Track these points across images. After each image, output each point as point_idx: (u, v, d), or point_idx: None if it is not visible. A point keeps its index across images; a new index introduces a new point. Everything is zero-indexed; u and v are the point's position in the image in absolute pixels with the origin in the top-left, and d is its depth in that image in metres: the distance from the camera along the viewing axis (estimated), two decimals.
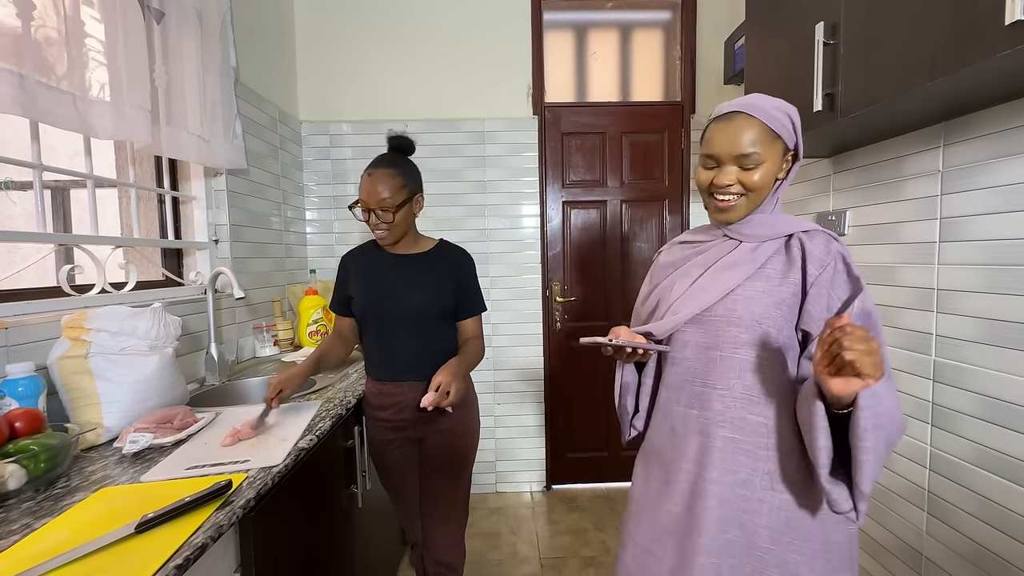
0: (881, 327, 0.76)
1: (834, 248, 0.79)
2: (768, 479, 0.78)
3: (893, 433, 0.69)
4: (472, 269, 1.32)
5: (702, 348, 0.83)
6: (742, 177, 0.80)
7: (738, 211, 0.83)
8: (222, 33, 1.63)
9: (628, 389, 0.96)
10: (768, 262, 0.81)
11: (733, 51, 2.06)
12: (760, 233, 0.83)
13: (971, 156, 1.10)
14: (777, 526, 0.78)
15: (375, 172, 1.20)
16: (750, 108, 0.79)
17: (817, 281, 0.77)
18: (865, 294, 0.75)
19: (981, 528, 1.09)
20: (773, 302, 0.79)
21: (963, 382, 1.13)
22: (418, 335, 1.24)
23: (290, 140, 2.20)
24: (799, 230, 0.82)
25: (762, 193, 0.81)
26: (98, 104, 1.16)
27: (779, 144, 0.80)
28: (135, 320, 1.08)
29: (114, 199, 2.05)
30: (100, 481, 0.83)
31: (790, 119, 0.81)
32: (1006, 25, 0.74)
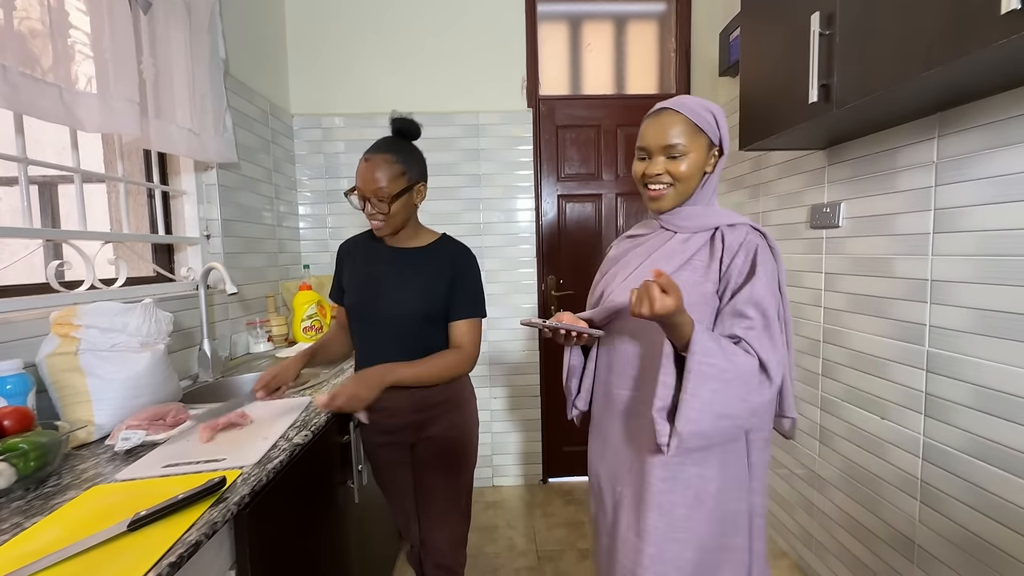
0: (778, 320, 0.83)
1: (749, 239, 0.86)
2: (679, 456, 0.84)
3: (733, 401, 0.77)
4: (471, 268, 1.21)
5: (634, 333, 0.92)
6: (669, 167, 0.88)
7: (667, 200, 0.91)
8: (211, 24, 1.61)
9: (574, 371, 1.05)
10: (697, 254, 0.88)
11: (728, 43, 2.05)
12: (690, 224, 0.91)
13: (965, 147, 1.10)
14: (689, 501, 0.86)
15: (372, 157, 1.10)
16: (677, 105, 0.89)
17: (728, 271, 0.85)
18: (757, 283, 0.81)
19: (974, 516, 1.10)
20: (697, 293, 0.85)
21: (956, 372, 1.14)
22: (399, 337, 1.15)
23: (282, 134, 2.18)
24: (725, 223, 0.88)
25: (689, 183, 0.89)
26: (85, 96, 1.14)
27: (703, 138, 0.88)
28: (125, 316, 1.06)
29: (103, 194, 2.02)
30: (92, 479, 0.82)
31: (713, 116, 0.89)
32: (1002, 14, 0.73)
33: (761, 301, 0.81)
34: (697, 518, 0.85)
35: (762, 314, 0.81)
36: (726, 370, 0.76)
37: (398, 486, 1.28)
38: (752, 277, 0.82)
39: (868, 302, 1.39)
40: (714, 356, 0.76)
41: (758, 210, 1.97)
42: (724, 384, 0.76)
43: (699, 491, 0.86)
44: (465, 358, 1.18)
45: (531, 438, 2.47)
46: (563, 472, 2.52)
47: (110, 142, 1.58)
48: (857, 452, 1.45)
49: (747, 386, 0.78)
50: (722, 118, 0.90)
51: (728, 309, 0.83)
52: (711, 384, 0.76)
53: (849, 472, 1.49)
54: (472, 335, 1.19)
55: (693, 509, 0.85)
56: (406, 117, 1.20)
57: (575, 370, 1.05)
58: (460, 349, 1.17)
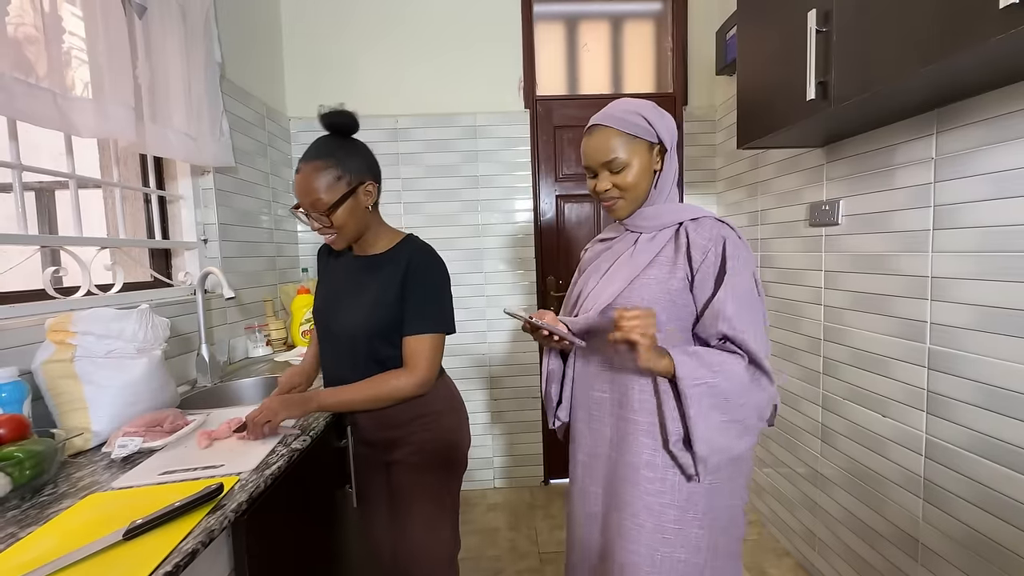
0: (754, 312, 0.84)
1: (716, 233, 0.85)
2: (667, 457, 0.86)
3: (736, 407, 0.80)
4: (426, 275, 1.06)
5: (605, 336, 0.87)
6: (615, 180, 0.90)
7: (622, 209, 0.93)
8: (206, 28, 1.60)
9: (553, 376, 1.04)
10: (662, 251, 0.89)
11: (725, 41, 2.05)
12: (652, 224, 0.92)
13: (964, 143, 1.10)
14: (680, 503, 0.85)
15: (303, 167, 0.99)
16: (605, 119, 0.90)
17: (701, 267, 0.85)
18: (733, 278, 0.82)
19: (977, 515, 1.09)
20: (663, 290, 0.86)
21: (958, 369, 1.13)
22: (350, 352, 1.07)
23: (279, 137, 2.17)
24: (688, 218, 0.89)
25: (638, 189, 0.90)
26: (80, 102, 1.14)
27: (641, 143, 0.89)
28: (121, 322, 1.05)
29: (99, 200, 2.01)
30: (88, 487, 0.81)
31: (643, 118, 0.88)
32: (1000, 8, 0.73)
33: (740, 296, 0.82)
34: (690, 518, 0.85)
35: (743, 308, 0.82)
36: (716, 383, 0.79)
37: (371, 507, 1.22)
38: (725, 273, 0.83)
39: (869, 299, 1.39)
40: (700, 375, 0.78)
41: (756, 208, 1.97)
42: (720, 396, 0.79)
43: (690, 492, 0.86)
44: (412, 381, 1.04)
45: (532, 439, 2.47)
46: (565, 474, 2.51)
47: (106, 147, 1.58)
48: (860, 450, 1.45)
49: (742, 387, 0.80)
50: (654, 114, 0.89)
51: (710, 311, 0.84)
52: (707, 401, 0.79)
53: (852, 471, 1.48)
54: (424, 353, 1.04)
55: (686, 510, 0.85)
56: (338, 110, 1.04)
57: (554, 375, 1.03)
58: (407, 370, 1.04)
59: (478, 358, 2.41)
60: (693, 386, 0.78)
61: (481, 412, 2.42)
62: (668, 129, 0.91)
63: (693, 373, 0.78)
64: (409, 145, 2.31)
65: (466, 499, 2.35)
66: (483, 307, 2.39)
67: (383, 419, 1.10)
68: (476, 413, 2.41)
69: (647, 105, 0.90)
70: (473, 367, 2.41)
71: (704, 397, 0.78)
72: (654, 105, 0.91)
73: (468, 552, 1.93)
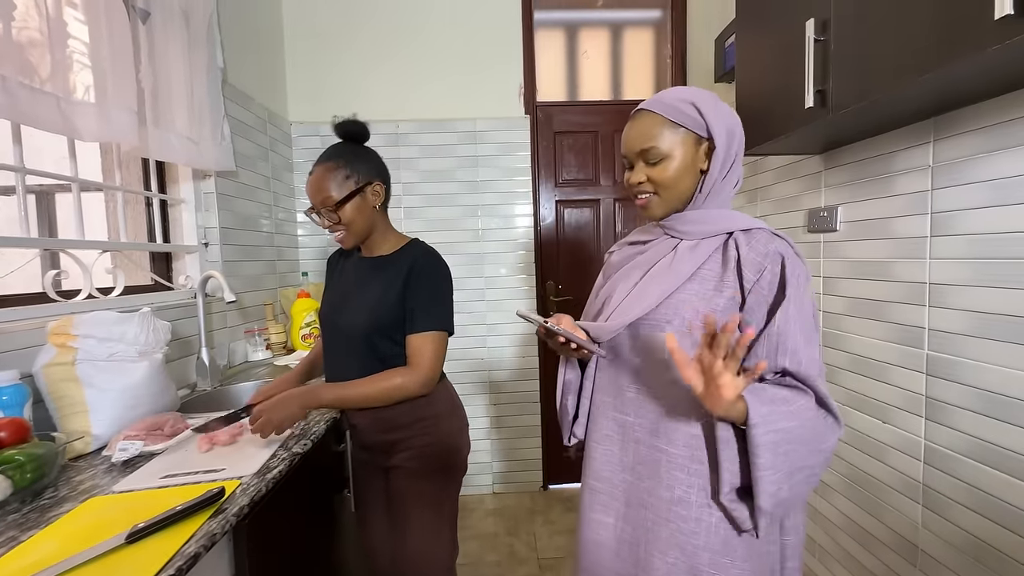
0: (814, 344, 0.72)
1: (772, 248, 0.73)
2: (703, 495, 0.75)
3: (807, 454, 0.69)
4: (430, 275, 1.09)
5: (636, 352, 0.81)
6: (650, 173, 0.79)
7: (655, 208, 0.82)
8: (209, 33, 1.61)
9: (570, 387, 0.92)
10: (707, 263, 0.78)
11: (723, 49, 2.07)
12: (695, 230, 0.80)
13: (961, 151, 1.11)
14: (716, 547, 0.75)
15: (315, 169, 1.07)
16: (651, 104, 0.79)
17: (755, 287, 0.73)
18: (792, 304, 0.71)
19: (976, 520, 1.10)
20: (708, 309, 0.74)
21: (956, 375, 1.14)
22: (354, 350, 1.09)
23: (280, 141, 2.18)
24: (738, 228, 0.77)
25: (677, 187, 0.79)
26: (83, 106, 1.14)
27: (688, 135, 0.77)
28: (123, 326, 1.06)
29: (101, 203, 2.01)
30: (89, 491, 0.81)
31: (694, 107, 0.76)
32: (996, 20, 0.74)
33: (803, 326, 0.71)
34: (726, 564, 0.75)
35: (807, 341, 0.71)
36: (792, 428, 0.67)
37: (369, 512, 1.22)
38: (786, 297, 0.71)
39: (867, 305, 1.39)
40: (775, 421, 0.66)
41: (756, 214, 1.98)
42: (794, 443, 0.68)
43: (727, 536, 0.75)
44: (415, 378, 1.05)
45: (531, 444, 2.46)
46: (564, 479, 2.51)
47: (108, 151, 1.58)
48: (859, 456, 1.45)
49: (816, 434, 0.69)
50: (709, 105, 0.77)
51: (767, 341, 0.71)
52: (782, 448, 0.67)
53: (852, 477, 1.48)
54: (427, 351, 1.06)
55: (721, 555, 0.75)
56: (351, 120, 1.12)
57: (571, 386, 0.92)
58: (410, 368, 1.06)
59: (478, 363, 2.41)
60: (766, 434, 0.66)
61: (480, 417, 2.42)
62: (725, 125, 0.77)
63: (768, 419, 0.66)
64: (410, 150, 2.32)
65: (464, 504, 2.34)
66: (483, 311, 2.39)
67: (383, 421, 1.11)
68: (475, 418, 2.40)
69: (705, 95, 0.78)
70: (473, 371, 2.41)
71: (778, 446, 0.66)
72: (716, 97, 0.79)
73: (467, 558, 1.93)
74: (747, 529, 0.73)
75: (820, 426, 0.69)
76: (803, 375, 0.70)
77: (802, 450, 0.68)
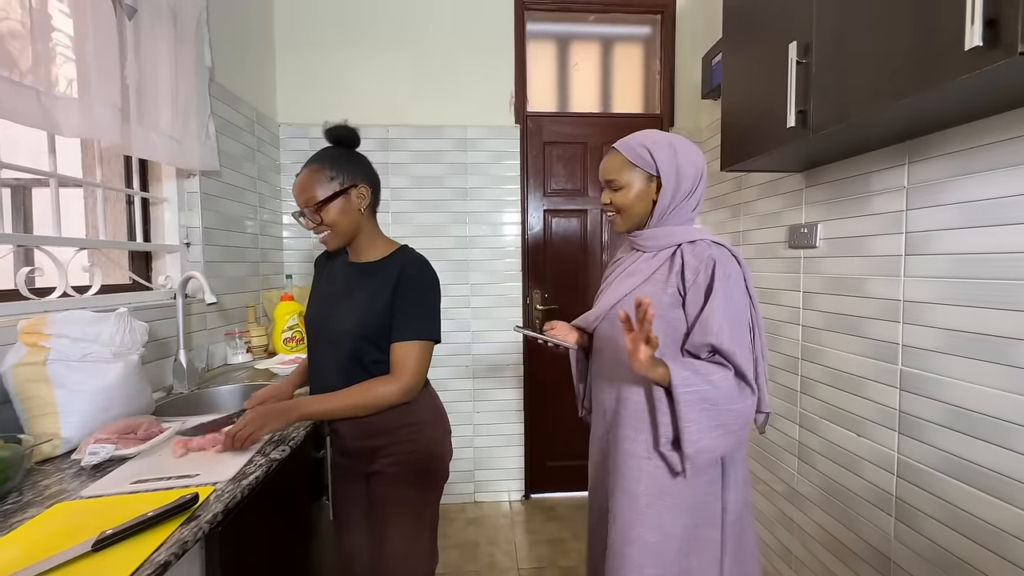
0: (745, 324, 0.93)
1: (708, 255, 0.93)
2: (645, 448, 0.97)
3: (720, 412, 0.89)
4: (418, 283, 1.09)
5: (610, 340, 1.05)
6: (613, 198, 1.03)
7: (618, 224, 1.06)
8: (197, 32, 1.60)
9: (579, 375, 1.23)
10: (658, 269, 1.00)
11: (710, 67, 2.12)
12: (653, 244, 1.02)
13: (934, 174, 1.15)
14: (652, 490, 0.96)
15: (303, 170, 1.08)
16: (619, 144, 1.03)
17: (693, 286, 0.94)
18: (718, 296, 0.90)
19: (947, 533, 1.12)
20: (655, 303, 0.93)
21: (928, 391, 1.17)
22: (340, 357, 1.08)
23: (267, 143, 2.16)
24: (686, 240, 0.98)
25: (632, 211, 1.02)
26: (64, 100, 1.12)
27: (640, 172, 1.00)
28: (98, 326, 1.03)
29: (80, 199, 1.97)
30: (55, 496, 0.78)
31: (648, 151, 0.99)
32: (966, 51, 0.77)
33: (727, 312, 0.90)
34: (659, 506, 0.96)
35: (730, 323, 0.90)
36: (707, 390, 0.88)
37: (348, 519, 1.21)
38: (712, 291, 0.91)
39: (844, 321, 1.43)
40: (693, 383, 0.88)
41: (739, 229, 2.02)
42: (709, 402, 0.88)
43: (662, 484, 0.96)
44: (397, 387, 1.05)
45: (514, 453, 2.45)
46: (546, 488, 2.50)
47: (89, 147, 1.55)
48: (834, 469, 1.48)
49: (729, 397, 0.89)
50: (663, 152, 0.98)
51: (698, 325, 0.92)
52: (698, 406, 0.88)
53: (827, 489, 1.51)
54: (411, 360, 1.06)
55: (655, 499, 0.96)
56: (342, 125, 1.13)
57: (581, 373, 1.23)
58: (393, 376, 1.06)
59: (462, 370, 2.40)
60: (684, 392, 0.87)
61: (463, 424, 2.40)
62: (673, 168, 0.98)
63: (686, 381, 0.87)
64: (399, 155, 2.32)
65: (445, 513, 2.32)
66: (468, 319, 2.39)
67: (367, 427, 1.09)
68: (458, 425, 2.39)
69: (662, 142, 0.99)
70: (456, 379, 2.40)
71: (695, 403, 0.88)
72: (673, 144, 1.00)
73: (446, 567, 1.91)
74: (679, 472, 0.94)
75: (733, 390, 0.89)
76: (725, 351, 0.89)
77: (715, 409, 0.89)
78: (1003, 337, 1.00)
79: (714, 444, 0.90)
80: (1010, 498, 0.99)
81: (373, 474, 1.12)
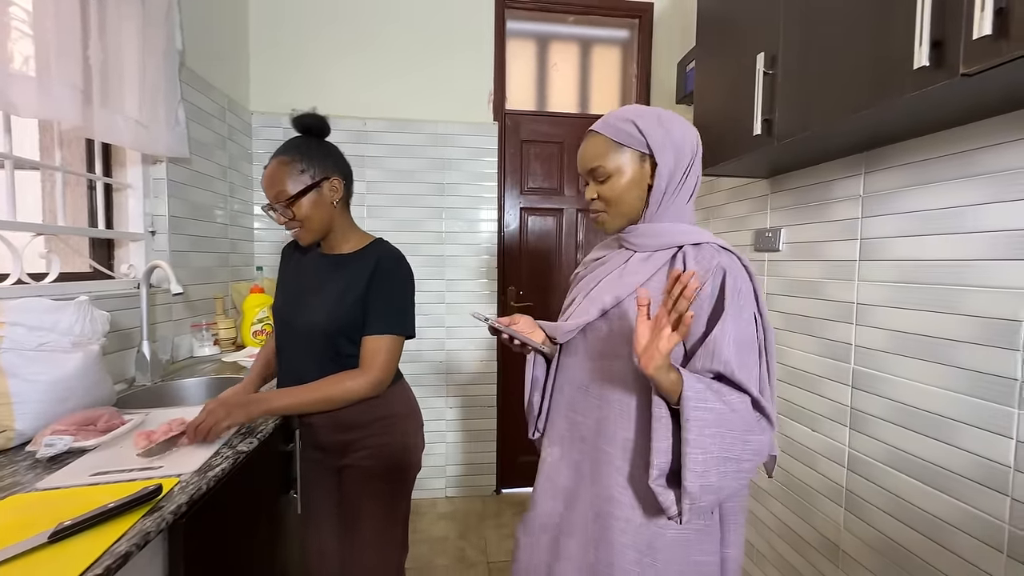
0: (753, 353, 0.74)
1: (716, 263, 0.76)
2: (632, 496, 0.78)
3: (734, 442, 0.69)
4: (391, 277, 1.08)
5: (587, 356, 0.85)
6: (600, 190, 0.83)
7: (608, 223, 0.86)
8: (168, 14, 1.55)
9: (536, 384, 0.95)
10: (657, 273, 0.80)
11: (685, 73, 2.17)
12: (647, 243, 0.83)
13: (888, 183, 1.22)
14: (641, 546, 0.77)
15: (270, 162, 1.04)
16: (598, 125, 0.83)
17: (698, 297, 0.75)
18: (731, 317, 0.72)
19: (891, 523, 1.20)
20: None
21: (876, 388, 1.24)
22: (311, 349, 1.07)
23: (239, 131, 2.11)
24: (689, 242, 0.80)
25: (624, 203, 0.82)
26: (20, 78, 1.07)
27: (630, 153, 0.81)
28: (56, 314, 1.00)
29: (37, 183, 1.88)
30: (8, 488, 0.76)
31: (635, 126, 0.79)
32: (914, 69, 0.82)
33: (739, 337, 0.72)
34: (648, 564, 0.77)
35: (743, 350, 0.72)
36: (722, 411, 0.69)
37: (317, 513, 1.19)
38: (724, 308, 0.73)
39: (803, 322, 1.49)
40: (709, 400, 0.68)
41: (710, 231, 2.08)
42: (723, 426, 0.69)
43: (652, 538, 0.77)
44: (366, 381, 1.04)
45: (486, 448, 2.47)
46: (517, 483, 2.53)
47: (48, 128, 1.49)
48: (792, 463, 1.55)
49: (746, 425, 0.70)
50: (649, 122, 0.79)
51: (704, 348, 0.73)
52: (711, 429, 0.68)
53: (785, 482, 1.58)
54: (381, 354, 1.05)
55: (644, 555, 0.77)
56: (311, 113, 1.09)
57: (537, 383, 0.95)
58: (362, 370, 1.05)
59: (435, 365, 2.40)
60: (696, 408, 0.67)
61: (436, 420, 2.41)
62: (669, 142, 0.79)
63: (700, 395, 0.67)
64: (375, 148, 2.30)
65: (416, 508, 2.32)
66: (443, 314, 2.39)
67: (341, 421, 1.09)
68: (431, 420, 2.39)
69: (648, 113, 0.81)
70: (430, 374, 2.40)
71: (707, 425, 0.68)
72: (663, 114, 0.81)
73: (416, 561, 1.91)
74: (672, 516, 0.72)
75: (751, 419, 0.71)
76: (736, 381, 0.71)
77: (729, 437, 0.69)
78: (944, 339, 1.07)
79: (720, 483, 0.69)
80: (948, 489, 1.06)
81: (345, 467, 1.12)
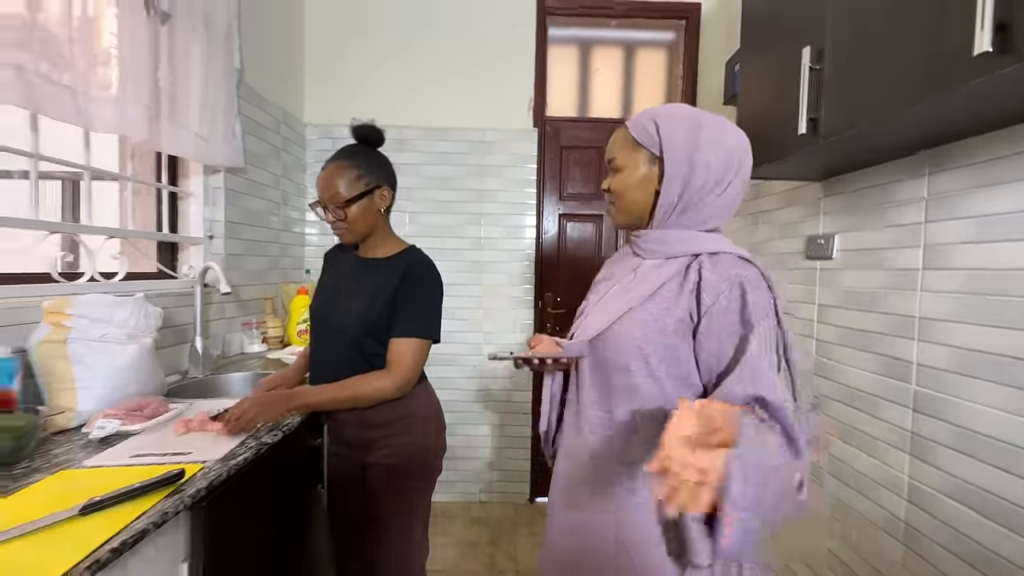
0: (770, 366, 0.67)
1: (734, 274, 0.69)
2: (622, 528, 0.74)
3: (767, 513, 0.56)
4: (420, 282, 1.12)
5: (593, 370, 0.80)
6: (611, 182, 0.81)
7: (614, 216, 0.84)
8: (228, 36, 1.69)
9: (554, 401, 0.92)
10: (667, 283, 0.75)
11: (732, 73, 2.07)
12: (657, 249, 0.78)
13: (954, 185, 1.09)
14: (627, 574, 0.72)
15: (329, 165, 1.11)
16: (631, 118, 0.81)
17: (710, 311, 0.69)
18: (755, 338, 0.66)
19: (955, 564, 1.06)
20: (657, 328, 0.72)
21: (940, 412, 1.11)
22: (342, 348, 1.11)
23: (293, 142, 2.25)
24: (706, 251, 0.73)
25: (627, 199, 0.79)
26: (99, 99, 1.20)
27: (642, 152, 0.77)
28: (115, 308, 1.10)
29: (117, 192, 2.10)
30: (62, 464, 0.84)
31: (655, 124, 0.75)
32: (974, 56, 0.74)
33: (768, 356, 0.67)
34: None
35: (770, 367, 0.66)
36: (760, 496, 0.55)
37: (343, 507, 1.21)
38: (750, 326, 0.67)
39: (858, 336, 1.37)
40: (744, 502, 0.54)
41: (757, 239, 1.96)
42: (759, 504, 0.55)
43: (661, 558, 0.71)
44: (392, 381, 1.07)
45: (520, 455, 2.45)
46: None
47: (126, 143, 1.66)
48: (844, 490, 1.41)
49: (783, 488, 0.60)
50: (672, 126, 0.74)
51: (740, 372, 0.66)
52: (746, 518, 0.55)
53: (836, 510, 1.45)
54: (408, 356, 1.08)
55: None
56: (368, 124, 1.15)
57: (554, 400, 0.92)
58: (388, 371, 1.08)
59: (472, 369, 2.42)
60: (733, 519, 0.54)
61: (472, 424, 2.42)
62: (687, 153, 0.73)
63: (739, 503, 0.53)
64: (418, 156, 2.37)
65: (449, 510, 2.34)
66: (480, 320, 2.41)
67: (365, 418, 1.13)
68: (467, 425, 2.41)
69: (679, 115, 0.75)
70: (466, 378, 2.42)
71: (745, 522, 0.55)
72: (698, 121, 0.74)
73: (444, 564, 1.92)
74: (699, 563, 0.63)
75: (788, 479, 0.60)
76: (777, 406, 0.63)
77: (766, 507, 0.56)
78: (1017, 358, 0.94)
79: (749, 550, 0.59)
80: (1021, 529, 0.93)
81: (369, 465, 1.15)
